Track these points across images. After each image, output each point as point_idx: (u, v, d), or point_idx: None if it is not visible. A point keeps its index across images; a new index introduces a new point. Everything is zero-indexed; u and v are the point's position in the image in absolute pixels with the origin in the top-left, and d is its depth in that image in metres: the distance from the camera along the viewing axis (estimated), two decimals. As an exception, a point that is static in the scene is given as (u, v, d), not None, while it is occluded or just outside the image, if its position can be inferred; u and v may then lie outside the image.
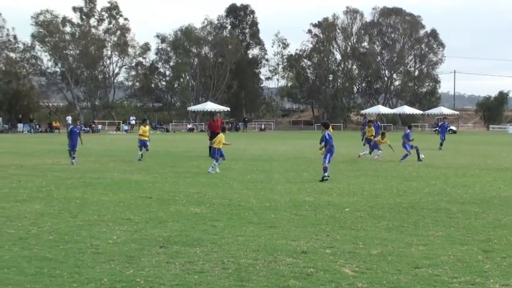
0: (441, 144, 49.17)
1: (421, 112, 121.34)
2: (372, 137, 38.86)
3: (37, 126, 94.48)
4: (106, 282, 9.65)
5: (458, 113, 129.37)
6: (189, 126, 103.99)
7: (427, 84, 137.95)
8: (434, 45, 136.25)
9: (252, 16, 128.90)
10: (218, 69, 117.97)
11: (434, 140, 66.55)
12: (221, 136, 28.76)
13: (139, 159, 34.53)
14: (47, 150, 34.12)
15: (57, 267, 10.47)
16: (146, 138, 36.17)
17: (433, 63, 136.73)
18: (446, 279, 9.95)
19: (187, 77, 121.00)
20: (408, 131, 37.95)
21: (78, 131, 33.32)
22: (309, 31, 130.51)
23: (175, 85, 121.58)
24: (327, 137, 25.18)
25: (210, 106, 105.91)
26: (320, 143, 25.77)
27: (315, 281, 9.78)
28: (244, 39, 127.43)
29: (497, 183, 24.53)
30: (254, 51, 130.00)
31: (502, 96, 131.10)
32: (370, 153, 37.53)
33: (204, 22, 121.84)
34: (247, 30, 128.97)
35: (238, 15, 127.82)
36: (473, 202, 18.80)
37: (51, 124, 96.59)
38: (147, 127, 37.67)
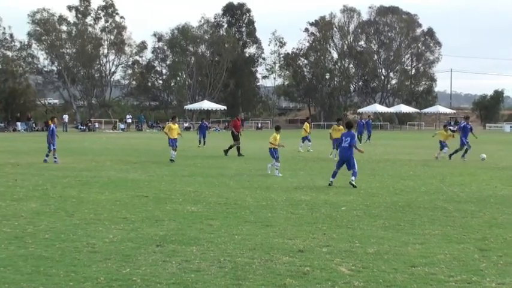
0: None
1: (417, 111, 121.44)
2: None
3: (33, 124, 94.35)
4: (102, 281, 9.64)
5: (455, 111, 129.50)
6: (186, 124, 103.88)
7: (423, 83, 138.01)
8: (431, 44, 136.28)
9: (248, 15, 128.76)
10: (215, 68, 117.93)
11: (432, 138, 66.62)
12: (275, 136, 27.30)
13: (172, 160, 32.95)
14: (43, 149, 34.14)
15: (53, 266, 10.47)
16: (176, 137, 34.26)
17: (430, 61, 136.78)
18: (443, 277, 9.96)
19: (184, 76, 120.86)
20: (466, 123, 37.94)
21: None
22: (306, 30, 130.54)
23: (172, 84, 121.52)
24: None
25: (206, 105, 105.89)
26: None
27: (312, 280, 9.79)
28: (241, 37, 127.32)
29: (493, 182, 24.55)
30: (251, 50, 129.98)
31: (498, 95, 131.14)
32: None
33: (200, 21, 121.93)
34: (243, 29, 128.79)
35: (235, 13, 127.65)
36: (470, 201, 18.81)
37: (47, 123, 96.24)
38: (176, 125, 35.61)
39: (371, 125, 62.55)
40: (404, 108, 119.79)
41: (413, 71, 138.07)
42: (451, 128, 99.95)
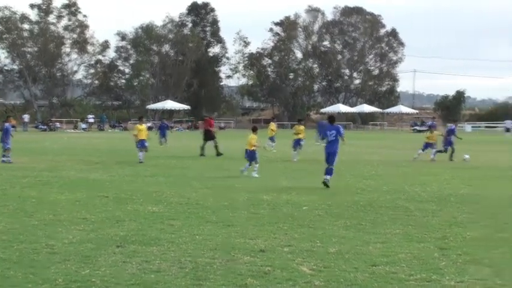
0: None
1: (380, 111, 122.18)
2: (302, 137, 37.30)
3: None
4: (61, 282, 9.56)
5: (417, 111, 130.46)
6: (148, 124, 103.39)
7: (386, 83, 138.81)
8: (394, 45, 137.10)
9: (212, 14, 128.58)
10: (178, 68, 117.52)
11: (395, 138, 67.16)
12: (252, 137, 26.60)
13: (141, 161, 32.27)
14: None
15: (11, 268, 10.35)
16: (144, 138, 33.62)
17: (393, 62, 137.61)
18: (403, 276, 10.03)
19: (147, 75, 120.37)
20: (453, 126, 38.19)
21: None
22: (271, 29, 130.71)
23: (135, 83, 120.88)
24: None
25: (169, 104, 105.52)
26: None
27: (273, 280, 9.79)
28: (205, 37, 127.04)
29: (454, 181, 24.79)
30: (215, 50, 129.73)
31: (459, 96, 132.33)
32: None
33: (165, 20, 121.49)
34: (208, 28, 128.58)
35: (200, 13, 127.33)
36: (431, 200, 18.97)
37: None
38: (144, 125, 34.97)
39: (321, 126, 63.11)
40: (367, 108, 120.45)
41: (377, 71, 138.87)
42: (416, 127, 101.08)
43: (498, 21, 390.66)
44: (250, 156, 26.29)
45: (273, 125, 45.16)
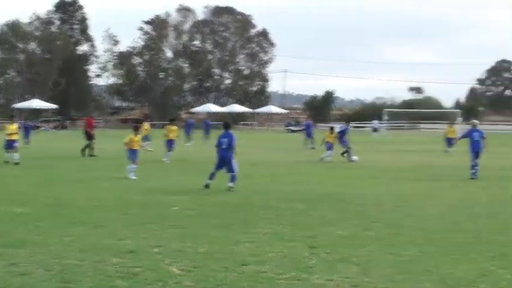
0: (311, 143, 49.87)
1: (251, 110, 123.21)
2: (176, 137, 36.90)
3: None
4: None
5: (287, 111, 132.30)
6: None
7: (257, 83, 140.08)
8: (265, 45, 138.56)
9: (81, 12, 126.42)
10: (46, 66, 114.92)
11: (269, 138, 67.83)
12: (135, 137, 26.09)
13: (17, 163, 30.67)
14: None
15: None
16: (15, 138, 32.27)
17: (264, 62, 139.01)
18: (273, 275, 10.12)
19: (13, 73, 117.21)
20: (346, 127, 38.27)
21: None
22: (141, 28, 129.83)
23: (0, 81, 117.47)
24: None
25: (36, 103, 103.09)
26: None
27: (142, 281, 9.72)
28: (73, 35, 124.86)
29: (323, 180, 25.24)
30: (83, 48, 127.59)
31: (328, 96, 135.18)
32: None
33: (32, 17, 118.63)
34: (76, 26, 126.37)
35: (68, 10, 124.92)
36: (301, 199, 19.21)
37: None
38: (15, 125, 33.45)
39: (210, 125, 63.61)
40: (237, 108, 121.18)
41: (248, 71, 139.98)
42: (291, 127, 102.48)
43: (363, 22, 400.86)
44: (133, 155, 25.67)
45: (146, 125, 44.89)
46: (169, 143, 34.63)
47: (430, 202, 19.08)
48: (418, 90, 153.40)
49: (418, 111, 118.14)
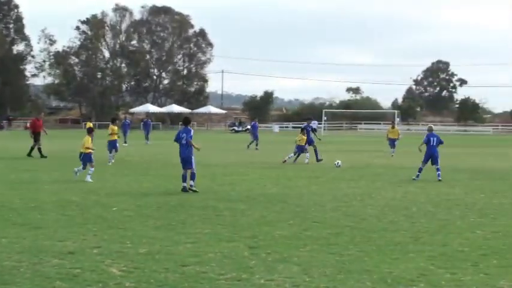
0: (256, 144, 49.59)
1: (190, 111, 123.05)
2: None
3: None
4: None
5: (226, 112, 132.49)
6: None
7: (195, 83, 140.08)
8: (203, 45, 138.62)
9: (16, 11, 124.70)
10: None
11: (213, 138, 67.77)
12: (87, 139, 24.92)
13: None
14: None
15: None
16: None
17: (202, 62, 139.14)
18: (213, 276, 10.14)
19: None
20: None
21: None
22: (77, 28, 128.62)
23: None
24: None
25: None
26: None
27: (82, 282, 9.66)
28: (9, 34, 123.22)
29: (263, 181, 25.29)
30: (19, 48, 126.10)
31: (267, 96, 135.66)
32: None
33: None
34: (11, 25, 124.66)
35: (2, 9, 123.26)
36: (240, 200, 19.27)
37: None
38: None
39: (150, 125, 63.36)
40: (176, 108, 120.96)
41: (186, 71, 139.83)
42: (235, 128, 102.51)
43: (302, 23, 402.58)
44: (85, 159, 24.75)
45: (89, 124, 44.24)
46: (112, 144, 33.55)
47: (369, 202, 19.30)
48: (356, 90, 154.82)
49: (356, 111, 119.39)
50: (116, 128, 34.44)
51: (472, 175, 28.23)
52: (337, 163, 32.22)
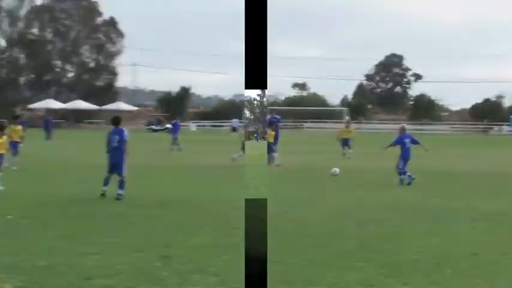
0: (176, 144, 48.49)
1: (97, 107, 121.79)
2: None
3: None
4: None
5: (137, 108, 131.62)
6: None
7: (104, 77, 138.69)
8: (113, 35, 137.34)
9: None
10: None
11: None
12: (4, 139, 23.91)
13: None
14: None
15: None
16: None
17: (112, 54, 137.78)
18: (122, 289, 10.05)
19: None
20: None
21: None
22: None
23: None
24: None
25: None
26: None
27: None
28: None
29: (176, 184, 25.23)
30: None
31: (184, 92, 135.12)
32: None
33: None
34: None
35: None
36: (153, 205, 19.12)
37: None
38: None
39: (52, 123, 62.53)
40: (81, 105, 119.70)
41: (93, 63, 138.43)
42: (153, 127, 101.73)
43: (222, 11, 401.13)
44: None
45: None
46: (13, 146, 31.96)
47: (314, 206, 19.36)
48: (302, 86, 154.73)
49: (302, 109, 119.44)
50: (19, 127, 33.04)
51: (429, 178, 28.46)
52: (334, 171, 29.53)
